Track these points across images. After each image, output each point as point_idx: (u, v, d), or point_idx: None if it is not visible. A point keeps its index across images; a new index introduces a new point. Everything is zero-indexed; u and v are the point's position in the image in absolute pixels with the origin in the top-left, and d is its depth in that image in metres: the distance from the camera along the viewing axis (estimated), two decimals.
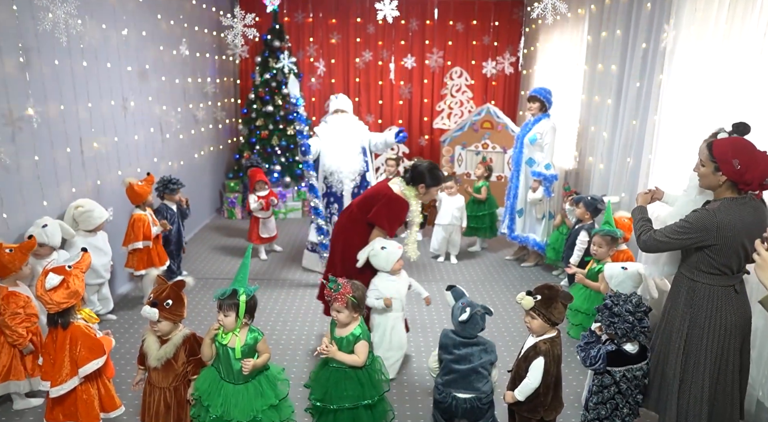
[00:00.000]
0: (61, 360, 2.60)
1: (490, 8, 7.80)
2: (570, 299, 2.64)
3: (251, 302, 2.55)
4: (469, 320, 2.72)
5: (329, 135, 5.13)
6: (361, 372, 2.71)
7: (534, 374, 2.58)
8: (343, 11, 7.89)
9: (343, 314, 2.69)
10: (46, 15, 3.23)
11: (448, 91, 8.25)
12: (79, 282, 2.63)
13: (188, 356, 2.61)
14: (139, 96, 5.01)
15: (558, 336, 2.66)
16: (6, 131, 3.32)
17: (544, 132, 5.23)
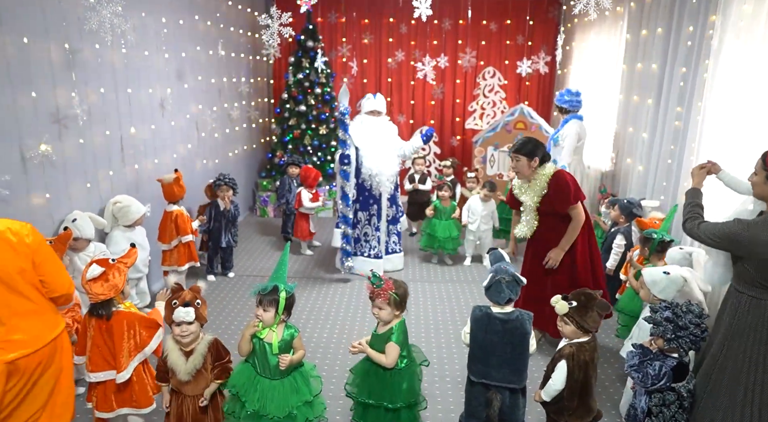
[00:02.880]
0: (121, 346, 2.66)
1: (525, 7, 7.69)
2: (607, 309, 2.57)
3: (290, 299, 2.56)
4: (491, 287, 2.63)
5: (366, 137, 5.10)
6: (389, 373, 2.67)
7: (556, 376, 2.56)
8: (376, 11, 7.90)
9: (384, 311, 2.65)
10: (93, 15, 3.33)
11: (480, 92, 8.18)
12: (120, 276, 2.68)
13: (214, 361, 2.57)
14: (176, 95, 5.11)
15: (590, 342, 2.59)
16: (53, 129, 3.42)
17: (565, 134, 5.21)
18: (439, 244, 5.52)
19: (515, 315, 2.65)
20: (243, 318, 4.38)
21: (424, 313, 4.56)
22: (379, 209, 5.21)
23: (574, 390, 2.55)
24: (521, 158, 3.55)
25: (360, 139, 5.07)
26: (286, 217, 6.37)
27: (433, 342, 4.06)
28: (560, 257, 3.60)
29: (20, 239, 2.26)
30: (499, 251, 2.85)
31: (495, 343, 2.61)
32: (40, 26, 3.26)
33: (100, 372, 2.68)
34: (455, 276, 5.42)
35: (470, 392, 2.77)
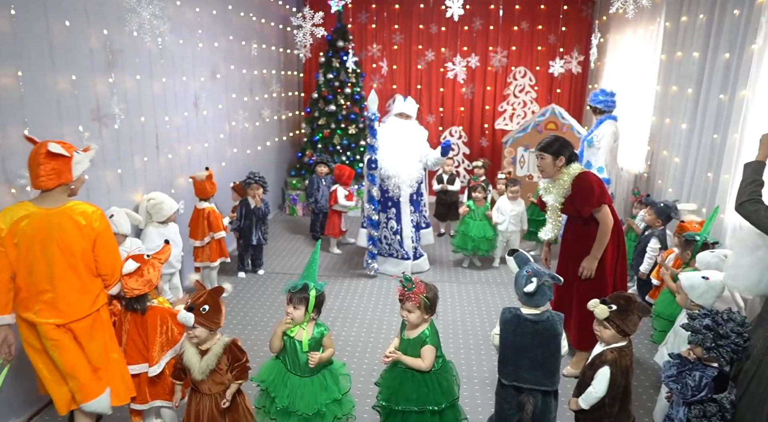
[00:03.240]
0: (154, 340, 2.73)
1: (558, 7, 7.58)
2: (647, 312, 2.52)
3: (320, 298, 2.58)
4: (537, 291, 2.56)
5: (389, 139, 5.10)
6: (427, 376, 2.64)
7: (599, 383, 2.49)
8: (406, 12, 7.90)
9: (414, 314, 2.59)
10: (133, 17, 3.41)
11: (511, 92, 8.09)
12: (154, 272, 2.75)
13: (231, 363, 2.53)
14: (209, 86, 5.18)
15: (628, 346, 2.54)
16: (94, 126, 3.52)
17: (601, 135, 5.10)
18: (473, 244, 5.43)
19: (546, 316, 2.61)
20: (273, 315, 4.43)
21: (452, 314, 4.53)
22: (398, 213, 5.18)
23: (616, 396, 2.49)
24: (546, 157, 3.45)
25: (384, 140, 5.08)
26: (315, 216, 6.42)
27: (461, 344, 4.04)
28: (594, 265, 3.41)
29: (89, 223, 2.49)
30: (523, 252, 2.79)
31: (525, 345, 2.58)
32: (81, 12, 3.34)
33: (135, 364, 2.76)
34: (483, 278, 5.38)
35: (501, 395, 2.74)
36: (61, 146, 2.44)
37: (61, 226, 2.43)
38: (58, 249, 2.43)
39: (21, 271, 2.42)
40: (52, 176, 2.40)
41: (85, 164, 2.55)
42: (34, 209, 2.42)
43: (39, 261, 2.42)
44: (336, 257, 5.91)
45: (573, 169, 3.42)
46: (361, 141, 7.46)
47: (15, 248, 2.38)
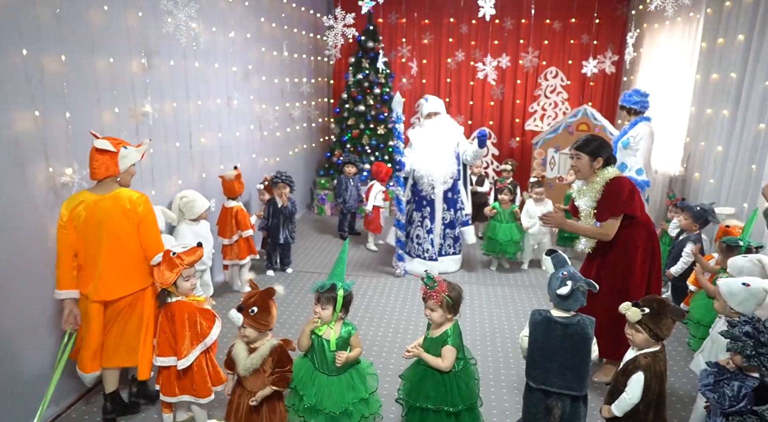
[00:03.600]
0: (183, 334, 2.77)
1: (592, 5, 7.44)
2: (681, 315, 2.45)
3: (347, 297, 2.59)
4: (570, 295, 2.51)
5: (422, 140, 5.13)
6: (446, 376, 2.63)
7: (632, 389, 2.43)
8: (437, 11, 7.87)
9: (436, 313, 2.60)
10: (168, 19, 3.49)
11: (542, 92, 7.99)
12: (170, 272, 2.74)
13: (274, 367, 2.51)
14: (241, 95, 5.28)
15: (662, 351, 2.48)
16: (130, 126, 3.61)
17: (638, 136, 4.94)
18: (500, 248, 5.36)
19: (576, 320, 2.56)
20: (300, 313, 4.47)
21: (479, 316, 4.50)
22: (432, 212, 5.19)
23: (651, 403, 2.43)
24: (583, 157, 3.27)
25: (417, 141, 5.12)
26: (343, 216, 6.45)
27: (489, 346, 4.00)
28: (560, 223, 3.40)
29: (133, 207, 2.77)
30: (561, 254, 2.74)
31: (555, 348, 2.54)
32: (125, 45, 3.48)
33: (165, 357, 2.81)
34: (512, 280, 5.32)
35: (528, 398, 2.71)
36: (110, 142, 2.72)
37: (109, 211, 2.71)
38: (105, 232, 2.72)
39: (80, 251, 2.75)
40: (101, 169, 2.70)
41: (132, 158, 2.80)
42: (89, 196, 2.73)
43: (91, 242, 2.73)
44: (369, 254, 5.94)
45: (608, 172, 3.27)
46: (390, 141, 7.47)
47: (75, 231, 2.71)
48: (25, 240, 2.81)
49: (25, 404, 2.77)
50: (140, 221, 2.79)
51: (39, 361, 2.91)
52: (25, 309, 2.83)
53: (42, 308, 2.94)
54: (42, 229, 2.92)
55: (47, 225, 2.94)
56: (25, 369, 2.84)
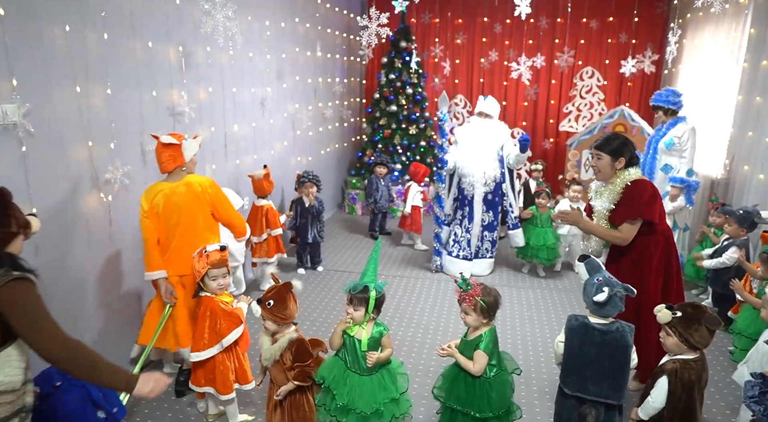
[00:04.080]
0: (202, 329, 2.84)
1: (631, 4, 7.25)
2: (718, 323, 2.36)
3: (380, 299, 2.58)
4: (608, 302, 2.45)
5: (467, 138, 5.13)
6: (478, 381, 2.59)
7: (656, 393, 2.39)
8: (470, 11, 7.81)
9: (470, 317, 2.57)
10: (208, 19, 3.57)
11: (577, 93, 7.84)
12: (198, 267, 2.83)
13: (294, 361, 2.55)
14: (275, 94, 5.34)
15: (697, 360, 2.39)
16: (168, 123, 3.70)
17: (682, 135, 4.78)
18: (532, 252, 5.24)
19: (615, 327, 2.50)
20: (331, 311, 4.49)
21: (510, 319, 4.44)
22: (470, 211, 5.17)
23: (676, 410, 2.36)
24: (603, 157, 3.10)
25: (462, 139, 5.13)
26: (374, 216, 6.46)
27: (520, 350, 3.94)
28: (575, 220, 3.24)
29: (203, 190, 3.08)
30: (595, 259, 2.67)
31: (592, 355, 2.48)
32: (163, 31, 3.55)
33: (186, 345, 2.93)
34: (543, 283, 5.23)
35: (561, 404, 2.66)
36: (172, 136, 3.01)
37: (184, 195, 3.02)
38: (182, 215, 3.02)
39: (162, 236, 3.04)
40: (169, 161, 2.99)
41: (193, 149, 3.08)
42: (164, 185, 3.03)
43: (170, 226, 3.02)
44: (401, 254, 5.97)
45: (629, 174, 3.08)
46: (421, 141, 7.45)
47: (156, 218, 3.00)
48: (69, 237, 2.93)
49: None
50: (213, 202, 3.13)
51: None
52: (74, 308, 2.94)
53: (88, 305, 3.04)
54: (85, 223, 3.02)
55: (90, 221, 3.05)
56: None
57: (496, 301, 2.60)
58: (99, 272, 3.18)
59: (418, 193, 6.04)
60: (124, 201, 3.30)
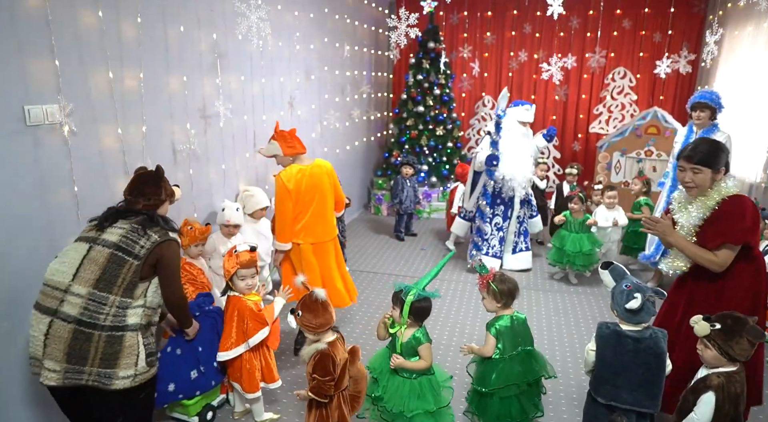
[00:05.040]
0: (229, 329, 2.88)
1: (666, 2, 7.07)
2: (761, 337, 2.26)
3: (419, 307, 2.54)
4: (642, 308, 2.39)
5: (508, 142, 5.19)
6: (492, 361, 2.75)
7: (702, 410, 2.28)
8: (500, 11, 7.73)
9: (486, 300, 2.76)
10: (243, 20, 3.61)
11: (608, 93, 7.69)
12: (228, 266, 2.86)
13: (314, 371, 2.37)
14: (303, 86, 5.35)
15: (739, 372, 2.31)
16: (200, 124, 3.75)
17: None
18: (567, 259, 5.07)
19: (648, 334, 2.44)
20: (356, 312, 4.50)
21: (537, 324, 4.37)
22: (505, 211, 5.32)
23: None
24: (705, 171, 2.62)
25: (502, 142, 5.17)
26: (399, 217, 6.45)
27: (547, 355, 3.85)
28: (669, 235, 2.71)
29: (330, 171, 3.64)
30: (618, 265, 2.60)
31: (626, 364, 2.42)
32: (194, 18, 3.59)
33: None
34: (572, 288, 5.14)
35: (591, 412, 2.61)
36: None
37: (319, 175, 3.54)
38: (318, 191, 3.53)
39: (296, 210, 3.50)
40: (300, 146, 3.55)
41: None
42: (301, 167, 3.50)
43: (306, 202, 3.51)
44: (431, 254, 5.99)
45: (727, 186, 2.63)
46: (448, 143, 7.40)
47: (295, 195, 3.47)
48: None
49: None
50: (335, 182, 3.70)
51: None
52: None
53: None
54: None
55: None
56: None
57: (509, 289, 2.74)
58: None
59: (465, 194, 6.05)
60: None
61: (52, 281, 2.24)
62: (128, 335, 2.24)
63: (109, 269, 2.24)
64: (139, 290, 2.29)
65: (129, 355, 2.24)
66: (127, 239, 2.30)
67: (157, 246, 2.33)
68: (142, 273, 2.30)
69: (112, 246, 2.27)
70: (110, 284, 2.23)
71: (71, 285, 2.21)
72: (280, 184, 3.43)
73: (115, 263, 2.25)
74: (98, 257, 2.25)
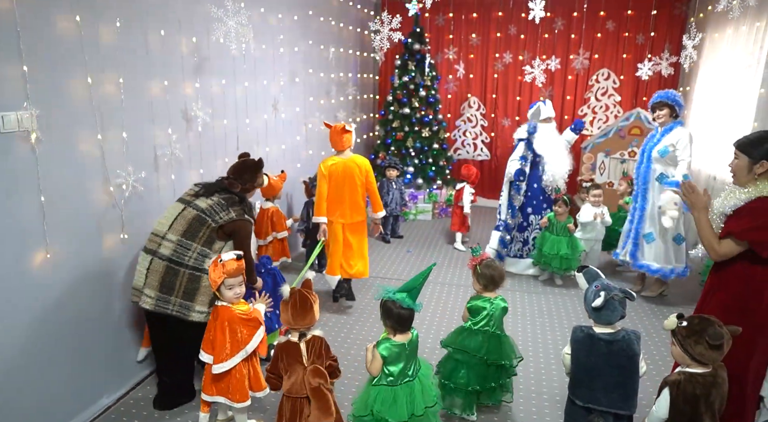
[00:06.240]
0: (222, 340, 2.81)
1: (648, 5, 7.14)
2: (719, 339, 2.25)
3: (388, 307, 2.57)
4: (605, 306, 2.44)
5: (545, 143, 5.27)
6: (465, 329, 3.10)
7: (658, 403, 2.37)
8: (484, 13, 7.77)
9: (473, 280, 3.09)
10: (220, 26, 3.58)
11: (592, 95, 7.75)
12: (215, 276, 2.78)
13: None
14: (288, 87, 5.34)
15: (706, 375, 2.31)
16: (181, 128, 3.73)
17: (679, 142, 4.49)
18: (545, 260, 5.14)
19: (621, 335, 2.49)
20: (339, 313, 4.50)
21: (521, 325, 4.41)
22: (535, 211, 5.42)
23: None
24: (741, 157, 2.61)
25: (540, 146, 5.25)
26: (385, 219, 6.45)
27: (531, 356, 3.91)
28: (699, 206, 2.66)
29: (362, 166, 4.36)
30: (593, 268, 2.67)
31: (600, 366, 2.46)
32: (174, 22, 3.57)
33: (205, 353, 2.88)
34: (556, 289, 5.18)
35: (570, 414, 2.65)
36: (347, 124, 4.29)
37: (352, 168, 4.30)
38: (349, 180, 4.30)
39: (331, 193, 4.31)
40: (348, 142, 4.34)
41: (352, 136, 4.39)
42: (338, 159, 4.33)
43: (340, 186, 4.31)
44: (455, 253, 6.06)
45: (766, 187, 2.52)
46: (434, 144, 7.42)
47: (330, 179, 4.29)
48: (82, 242, 2.98)
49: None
50: (367, 176, 4.38)
51: (102, 344, 3.11)
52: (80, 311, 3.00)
53: (101, 309, 3.10)
54: (98, 228, 3.07)
55: (103, 226, 3.10)
56: (89, 351, 3.01)
57: (491, 275, 3.04)
58: (107, 273, 3.21)
59: (470, 194, 6.17)
60: (138, 208, 3.34)
61: (155, 230, 3.07)
62: (205, 277, 2.95)
63: (193, 225, 3.03)
64: (217, 246, 3.06)
65: (204, 294, 2.99)
66: (212, 209, 3.08)
67: (232, 222, 3.08)
68: (218, 236, 3.07)
69: (199, 210, 3.06)
70: (194, 236, 3.02)
71: (167, 233, 3.02)
72: (319, 170, 4.31)
73: (198, 222, 3.04)
74: (188, 215, 3.05)
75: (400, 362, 2.56)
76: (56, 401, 2.87)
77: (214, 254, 2.95)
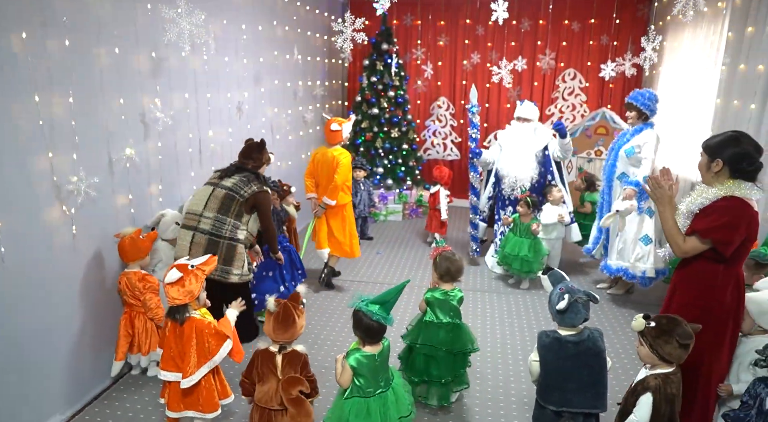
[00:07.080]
0: (189, 353, 2.70)
1: (611, 5, 7.25)
2: (689, 338, 2.30)
3: (359, 317, 2.52)
4: (569, 308, 2.45)
5: (507, 141, 5.35)
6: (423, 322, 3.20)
7: (640, 411, 2.34)
8: (452, 13, 7.77)
9: (432, 271, 3.20)
10: (172, 26, 3.47)
11: (559, 95, 7.83)
12: (196, 283, 2.70)
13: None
14: (252, 99, 5.25)
15: (675, 374, 2.37)
16: (138, 133, 3.60)
17: (645, 144, 4.55)
18: (505, 260, 5.16)
19: (586, 334, 2.50)
20: (310, 319, 4.42)
21: (491, 328, 4.40)
22: (514, 212, 5.33)
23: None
24: (702, 156, 2.63)
25: (504, 141, 5.37)
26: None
27: (500, 361, 3.89)
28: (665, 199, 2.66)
29: (334, 158, 4.68)
30: (558, 271, 2.67)
31: (570, 368, 2.45)
32: (132, 37, 3.45)
33: (168, 371, 2.75)
34: (523, 291, 5.18)
35: (539, 417, 2.63)
36: (336, 123, 4.73)
37: (329, 158, 4.70)
38: (326, 167, 4.72)
39: (315, 177, 4.87)
40: (335, 139, 4.76)
41: (347, 132, 4.83)
42: (324, 149, 4.81)
43: (319, 171, 4.80)
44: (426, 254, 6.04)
45: (733, 186, 2.50)
46: (403, 145, 7.39)
47: (313, 163, 4.86)
48: (32, 246, 2.82)
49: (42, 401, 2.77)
50: (335, 167, 4.65)
51: (54, 358, 2.95)
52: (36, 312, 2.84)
53: (50, 310, 2.95)
54: (47, 233, 2.93)
55: (52, 231, 2.95)
56: (39, 366, 2.85)
57: (447, 267, 3.11)
58: (63, 284, 3.07)
59: (446, 196, 6.22)
60: (92, 213, 3.20)
61: (191, 209, 3.58)
62: (239, 246, 3.60)
63: (225, 202, 3.56)
64: (245, 219, 3.62)
65: (239, 260, 3.60)
66: (236, 185, 3.61)
67: (254, 194, 3.62)
68: (245, 209, 3.60)
69: (227, 189, 3.59)
70: (227, 211, 3.55)
71: (203, 212, 3.54)
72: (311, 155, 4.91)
73: (229, 199, 3.57)
74: (219, 194, 3.58)
75: (370, 373, 2.50)
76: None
77: (243, 226, 3.58)
